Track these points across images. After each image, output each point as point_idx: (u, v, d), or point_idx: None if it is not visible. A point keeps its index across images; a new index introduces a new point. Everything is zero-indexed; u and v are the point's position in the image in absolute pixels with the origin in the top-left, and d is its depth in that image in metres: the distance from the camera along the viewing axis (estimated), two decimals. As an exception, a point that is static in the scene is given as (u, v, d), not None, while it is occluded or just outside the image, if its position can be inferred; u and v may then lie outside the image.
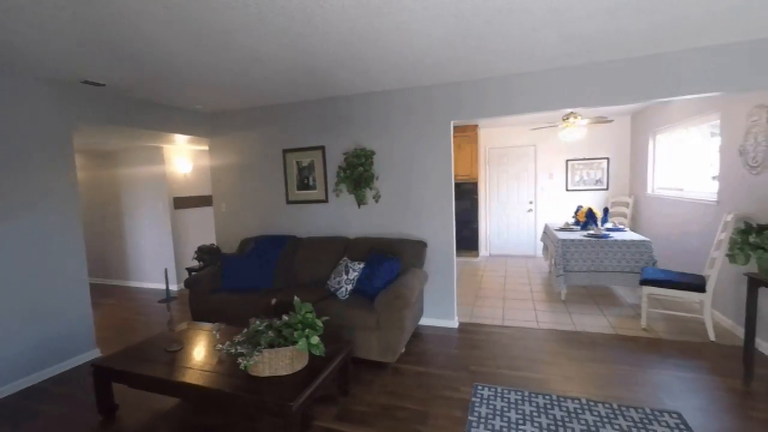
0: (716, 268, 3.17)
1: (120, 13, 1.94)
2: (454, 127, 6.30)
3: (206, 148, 5.02)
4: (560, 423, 2.20)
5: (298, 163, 4.24)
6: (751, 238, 2.34)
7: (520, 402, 2.41)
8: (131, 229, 5.72)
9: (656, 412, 2.25)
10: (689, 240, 4.10)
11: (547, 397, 2.45)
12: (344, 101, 3.93)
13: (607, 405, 2.35)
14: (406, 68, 3.06)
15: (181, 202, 5.58)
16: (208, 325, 2.95)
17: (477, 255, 6.66)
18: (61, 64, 2.68)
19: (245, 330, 2.30)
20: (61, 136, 3.15)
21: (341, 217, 4.12)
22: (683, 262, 4.17)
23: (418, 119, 3.67)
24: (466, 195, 6.53)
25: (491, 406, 2.38)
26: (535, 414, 2.29)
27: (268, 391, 2.00)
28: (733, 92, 2.96)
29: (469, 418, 2.28)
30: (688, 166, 4.46)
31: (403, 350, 3.15)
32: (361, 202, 3.93)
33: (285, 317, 2.29)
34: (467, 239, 6.62)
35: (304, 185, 4.24)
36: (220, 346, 2.25)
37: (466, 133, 6.36)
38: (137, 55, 2.55)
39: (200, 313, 3.54)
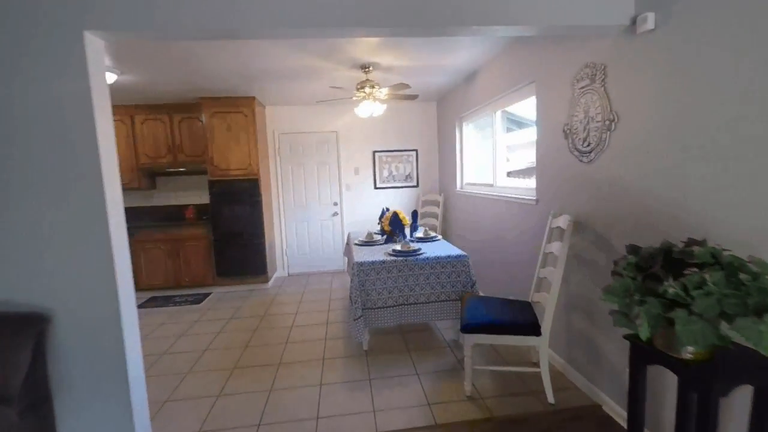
0: (553, 296, 2.18)
1: None
2: (216, 100, 4.27)
3: None
4: None
5: None
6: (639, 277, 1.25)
7: None
8: None
9: None
10: (506, 246, 3.28)
11: None
12: None
13: None
14: None
15: None
16: None
17: (267, 280, 4.77)
18: None
19: None
20: None
21: None
22: (500, 277, 3.34)
23: (12, 24, 1.49)
24: (244, 198, 4.55)
25: None
26: None
27: None
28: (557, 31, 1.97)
29: None
30: (493, 158, 3.69)
31: None
32: None
33: None
34: (250, 261, 4.63)
35: None
36: None
37: (240, 110, 4.40)
38: None
39: None
